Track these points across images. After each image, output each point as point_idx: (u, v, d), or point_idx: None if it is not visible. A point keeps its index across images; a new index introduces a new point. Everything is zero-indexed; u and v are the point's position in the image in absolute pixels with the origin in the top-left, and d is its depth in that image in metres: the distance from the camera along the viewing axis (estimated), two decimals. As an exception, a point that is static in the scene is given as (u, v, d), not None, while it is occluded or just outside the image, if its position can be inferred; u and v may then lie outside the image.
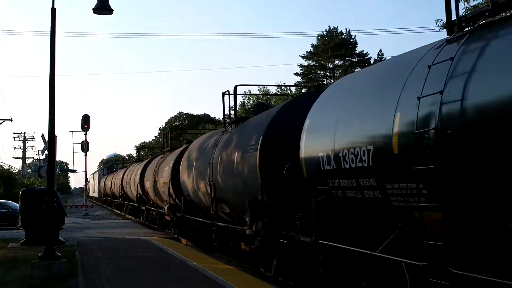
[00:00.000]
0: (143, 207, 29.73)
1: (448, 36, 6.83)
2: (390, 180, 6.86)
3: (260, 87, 56.22)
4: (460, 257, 5.99)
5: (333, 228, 8.77)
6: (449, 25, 6.86)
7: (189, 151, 18.77)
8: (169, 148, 25.14)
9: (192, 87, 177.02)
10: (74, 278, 11.43)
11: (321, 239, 8.71)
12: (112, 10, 13.88)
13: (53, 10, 12.67)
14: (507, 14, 6.46)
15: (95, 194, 76.43)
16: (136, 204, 32.04)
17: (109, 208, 53.60)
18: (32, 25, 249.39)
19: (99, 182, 68.52)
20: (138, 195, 30.12)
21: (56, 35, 12.64)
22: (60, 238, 17.75)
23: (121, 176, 40.57)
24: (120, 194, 41.08)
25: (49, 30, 12.61)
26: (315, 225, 8.84)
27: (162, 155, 25.98)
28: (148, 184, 26.44)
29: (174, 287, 10.28)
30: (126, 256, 14.79)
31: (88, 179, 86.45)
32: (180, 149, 21.84)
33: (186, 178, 18.17)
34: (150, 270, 12.27)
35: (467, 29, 6.57)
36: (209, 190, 14.77)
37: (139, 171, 29.94)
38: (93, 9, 13.76)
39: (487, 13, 6.32)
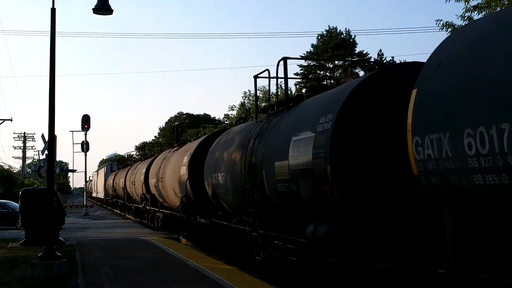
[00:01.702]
0: (201, 220, 17.25)
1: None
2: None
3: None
4: None
5: None
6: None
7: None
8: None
9: (192, 87, 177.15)
10: (74, 278, 11.43)
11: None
12: (112, 10, 13.88)
13: (53, 10, 12.67)
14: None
15: (100, 195, 65.50)
16: (182, 215, 19.51)
17: (122, 214, 41.19)
18: (32, 25, 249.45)
19: (105, 181, 56.37)
20: (184, 200, 18.45)
21: (56, 35, 12.64)
22: (60, 238, 17.74)
23: (144, 170, 28.24)
24: (143, 196, 28.41)
25: (49, 30, 12.62)
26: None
27: (239, 124, 16.32)
28: (220, 177, 14.00)
29: (174, 287, 10.28)
30: (126, 256, 14.78)
31: (91, 178, 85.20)
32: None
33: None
34: (150, 270, 12.26)
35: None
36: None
37: (186, 159, 18.33)
38: (93, 9, 13.76)
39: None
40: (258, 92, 57.92)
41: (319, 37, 58.62)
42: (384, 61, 52.75)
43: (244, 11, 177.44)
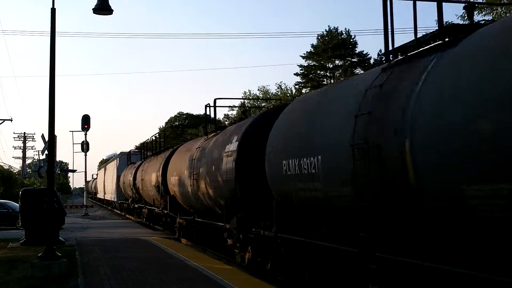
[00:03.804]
0: None
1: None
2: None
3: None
4: None
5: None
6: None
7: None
8: None
9: (192, 87, 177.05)
10: (74, 278, 11.43)
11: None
12: (112, 10, 13.89)
13: (53, 10, 12.68)
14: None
15: (111, 197, 49.85)
16: None
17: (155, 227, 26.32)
18: (32, 25, 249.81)
19: (118, 178, 41.16)
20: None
21: (56, 35, 12.66)
22: (60, 238, 17.76)
23: (233, 147, 13.16)
24: (228, 203, 13.35)
25: (49, 30, 12.64)
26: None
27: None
28: None
29: (174, 287, 10.28)
30: (126, 256, 14.78)
31: (94, 176, 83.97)
32: None
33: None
34: (150, 270, 12.27)
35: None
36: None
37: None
38: (93, 9, 13.77)
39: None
40: (258, 92, 57.00)
41: (319, 37, 58.63)
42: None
43: (244, 11, 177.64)
